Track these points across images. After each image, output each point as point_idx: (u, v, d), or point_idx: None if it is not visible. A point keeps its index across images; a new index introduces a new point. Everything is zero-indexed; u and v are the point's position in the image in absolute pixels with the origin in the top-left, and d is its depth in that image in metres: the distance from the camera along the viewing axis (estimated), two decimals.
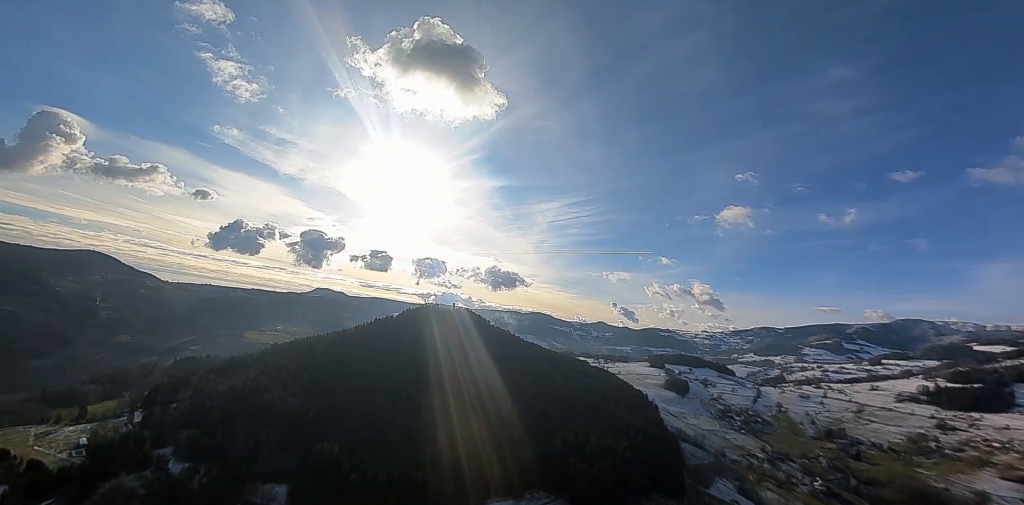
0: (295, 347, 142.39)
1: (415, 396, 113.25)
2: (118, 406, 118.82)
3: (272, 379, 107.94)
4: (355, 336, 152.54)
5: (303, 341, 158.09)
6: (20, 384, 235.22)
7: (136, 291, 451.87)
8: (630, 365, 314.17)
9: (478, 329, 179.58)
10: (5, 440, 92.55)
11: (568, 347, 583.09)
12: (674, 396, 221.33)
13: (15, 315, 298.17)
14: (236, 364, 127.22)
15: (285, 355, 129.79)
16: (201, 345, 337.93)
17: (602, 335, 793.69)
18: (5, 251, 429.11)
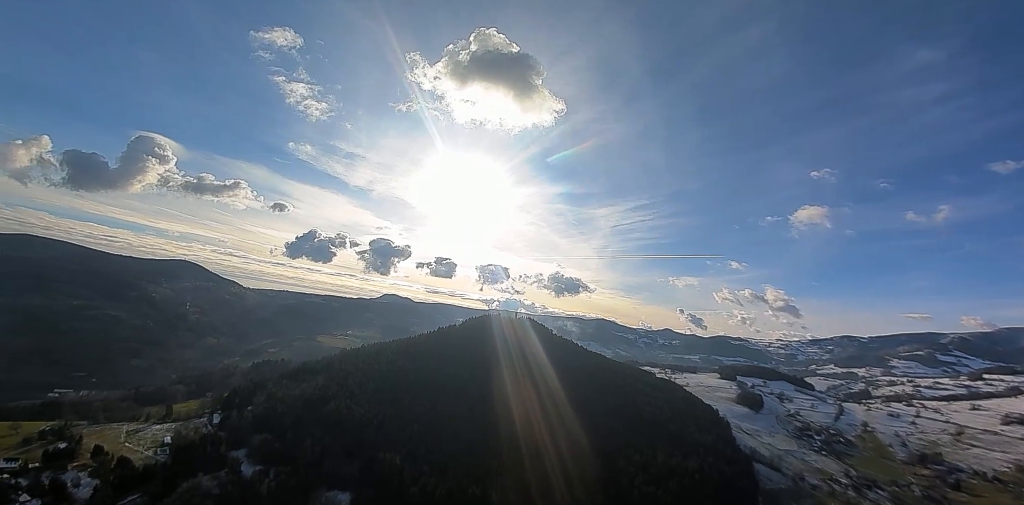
0: (362, 355, 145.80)
1: (477, 407, 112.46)
2: (200, 407, 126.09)
3: (340, 387, 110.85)
4: (419, 345, 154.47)
5: (369, 349, 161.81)
6: (120, 381, 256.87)
7: (221, 297, 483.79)
8: (699, 376, 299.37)
9: (540, 338, 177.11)
10: (101, 436, 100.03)
11: (632, 355, 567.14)
12: (747, 412, 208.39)
13: (118, 319, 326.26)
14: (307, 370, 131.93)
15: (352, 362, 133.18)
16: (278, 348, 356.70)
17: (668, 343, 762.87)
18: (110, 262, 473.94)
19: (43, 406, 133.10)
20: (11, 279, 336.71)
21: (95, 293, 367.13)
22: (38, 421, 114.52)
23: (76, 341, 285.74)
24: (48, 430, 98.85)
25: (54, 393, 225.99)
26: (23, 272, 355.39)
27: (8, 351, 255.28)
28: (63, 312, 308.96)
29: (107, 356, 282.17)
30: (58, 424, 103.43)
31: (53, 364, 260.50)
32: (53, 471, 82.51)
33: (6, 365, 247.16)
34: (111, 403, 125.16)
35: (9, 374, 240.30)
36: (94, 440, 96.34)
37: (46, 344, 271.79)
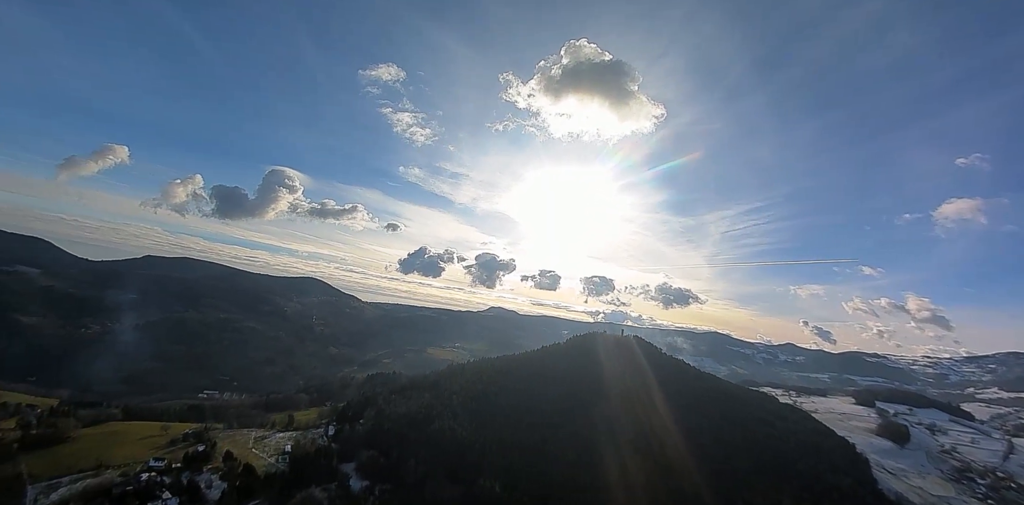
0: (466, 372, 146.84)
1: (580, 434, 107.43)
2: (319, 416, 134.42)
3: (443, 406, 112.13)
4: (522, 365, 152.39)
5: (473, 366, 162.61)
6: (257, 385, 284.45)
7: (343, 310, 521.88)
8: (829, 401, 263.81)
9: (648, 359, 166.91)
10: (233, 441, 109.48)
11: (750, 373, 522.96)
12: (890, 446, 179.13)
13: (255, 330, 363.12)
14: (414, 386, 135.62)
15: (456, 381, 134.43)
16: (392, 359, 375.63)
17: (791, 359, 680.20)
18: (250, 279, 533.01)
19: (190, 409, 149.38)
20: (172, 295, 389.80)
21: (238, 307, 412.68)
22: (184, 423, 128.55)
23: (222, 349, 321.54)
24: (190, 433, 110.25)
25: (203, 394, 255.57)
26: (181, 289, 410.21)
27: (169, 357, 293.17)
28: (212, 324, 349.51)
29: (247, 363, 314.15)
30: (199, 427, 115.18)
31: (204, 369, 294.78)
32: (191, 472, 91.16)
33: (167, 368, 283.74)
34: (244, 409, 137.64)
35: (170, 376, 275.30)
36: (227, 444, 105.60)
37: (198, 351, 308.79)
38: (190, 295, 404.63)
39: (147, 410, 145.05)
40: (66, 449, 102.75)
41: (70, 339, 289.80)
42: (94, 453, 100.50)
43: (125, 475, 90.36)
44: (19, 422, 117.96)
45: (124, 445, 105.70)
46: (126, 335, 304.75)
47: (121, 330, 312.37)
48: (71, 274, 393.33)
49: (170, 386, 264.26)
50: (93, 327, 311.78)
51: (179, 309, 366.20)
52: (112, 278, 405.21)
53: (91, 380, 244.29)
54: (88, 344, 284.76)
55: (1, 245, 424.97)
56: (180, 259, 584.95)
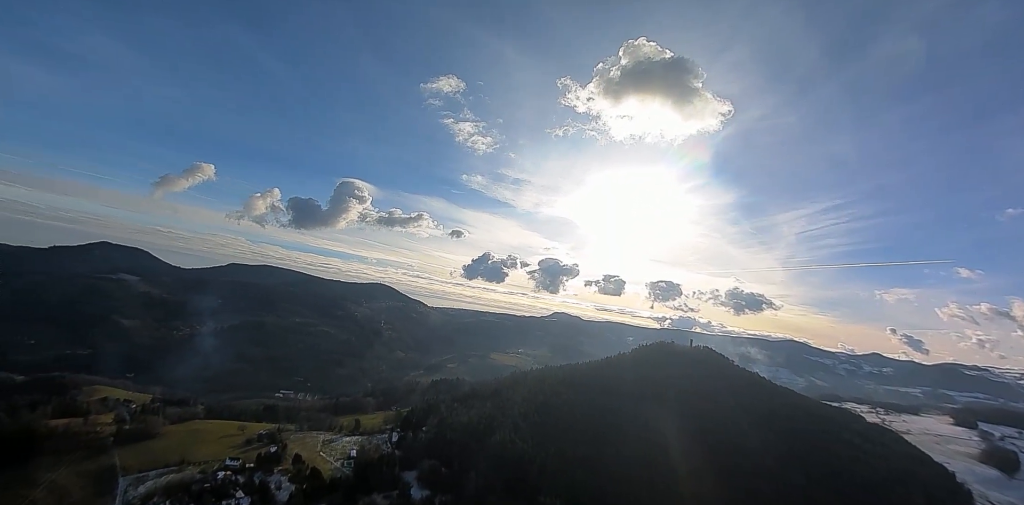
0: (527, 381, 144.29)
1: (646, 452, 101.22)
2: (384, 421, 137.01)
3: (504, 417, 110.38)
4: (585, 375, 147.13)
5: (535, 374, 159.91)
6: (328, 386, 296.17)
7: (409, 315, 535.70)
8: (923, 420, 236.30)
9: (720, 373, 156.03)
10: (302, 443, 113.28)
11: (832, 385, 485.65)
12: (997, 476, 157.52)
13: (328, 334, 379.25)
14: (476, 395, 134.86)
15: (518, 390, 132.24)
16: (456, 363, 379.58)
17: (878, 371, 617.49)
18: (323, 286, 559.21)
19: (265, 409, 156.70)
20: (252, 301, 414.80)
21: (312, 312, 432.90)
22: (259, 423, 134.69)
23: (297, 352, 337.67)
24: (264, 434, 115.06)
25: (279, 394, 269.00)
26: (261, 295, 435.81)
27: (249, 358, 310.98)
28: (289, 328, 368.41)
29: (319, 365, 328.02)
30: (272, 429, 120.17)
31: (280, 370, 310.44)
32: (263, 473, 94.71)
33: (248, 369, 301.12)
34: (314, 412, 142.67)
35: (250, 376, 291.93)
36: (297, 446, 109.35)
37: (276, 353, 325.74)
38: (269, 300, 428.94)
39: (227, 409, 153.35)
40: (154, 445, 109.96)
41: (163, 340, 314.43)
42: (178, 450, 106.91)
43: (204, 472, 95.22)
44: (116, 417, 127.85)
45: (205, 443, 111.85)
46: (211, 337, 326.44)
47: (207, 333, 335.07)
48: (165, 281, 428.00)
49: (250, 385, 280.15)
50: (183, 330, 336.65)
51: (259, 313, 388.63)
52: (200, 285, 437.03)
53: (180, 378, 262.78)
54: (178, 345, 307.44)
55: (107, 255, 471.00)
56: (261, 267, 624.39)
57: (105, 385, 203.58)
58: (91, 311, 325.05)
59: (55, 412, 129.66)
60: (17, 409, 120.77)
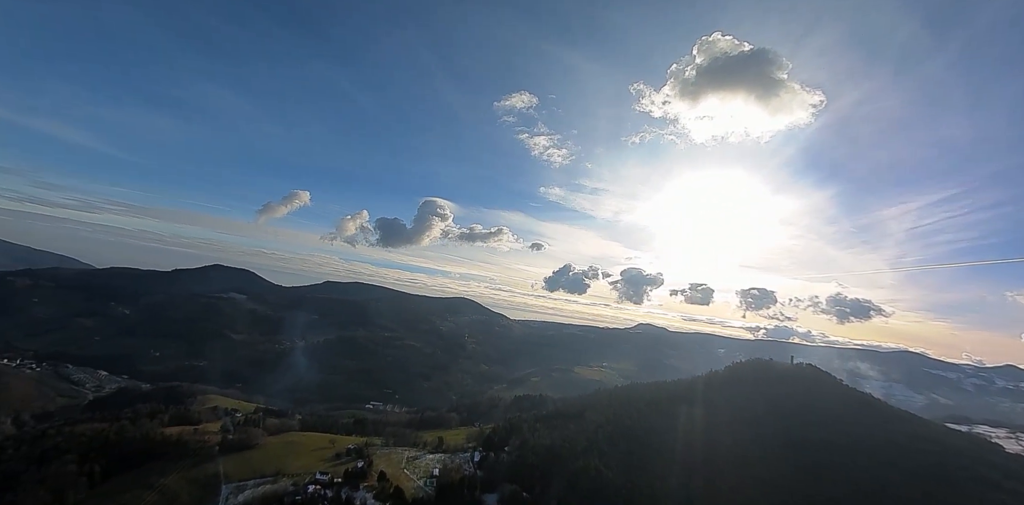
0: (613, 401, 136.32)
1: (746, 490, 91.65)
2: (466, 439, 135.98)
3: (588, 441, 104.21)
4: (674, 395, 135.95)
5: (620, 393, 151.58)
6: (414, 399, 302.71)
7: (492, 328, 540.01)
8: None
9: (828, 394, 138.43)
10: (388, 459, 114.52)
11: (957, 403, 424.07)
12: None
13: (415, 348, 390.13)
14: (559, 415, 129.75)
15: (603, 411, 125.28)
16: (539, 377, 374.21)
17: (1014, 386, 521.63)
18: (410, 301, 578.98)
19: (355, 422, 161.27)
20: (346, 316, 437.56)
21: (400, 326, 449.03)
22: (349, 437, 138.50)
23: (386, 365, 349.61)
24: (352, 448, 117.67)
25: (369, 405, 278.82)
26: (353, 311, 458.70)
27: (343, 370, 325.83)
28: (378, 341, 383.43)
29: (407, 378, 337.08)
30: (360, 443, 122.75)
31: (371, 381, 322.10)
32: (349, 488, 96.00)
33: (342, 380, 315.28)
34: (400, 428, 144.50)
35: (343, 387, 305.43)
36: (382, 462, 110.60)
37: (366, 366, 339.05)
38: (360, 315, 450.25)
39: (321, 421, 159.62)
40: (254, 455, 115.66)
41: (267, 353, 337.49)
42: (275, 461, 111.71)
43: (296, 485, 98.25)
44: (222, 427, 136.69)
45: (299, 455, 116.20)
46: (308, 351, 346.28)
47: (305, 346, 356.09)
48: (269, 299, 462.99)
49: (343, 396, 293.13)
50: (284, 343, 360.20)
51: (351, 328, 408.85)
52: (299, 301, 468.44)
53: (281, 388, 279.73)
54: (280, 358, 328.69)
55: (220, 276, 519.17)
56: (353, 284, 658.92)
57: (216, 394, 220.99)
58: (206, 327, 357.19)
59: (171, 420, 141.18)
60: (139, 418, 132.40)
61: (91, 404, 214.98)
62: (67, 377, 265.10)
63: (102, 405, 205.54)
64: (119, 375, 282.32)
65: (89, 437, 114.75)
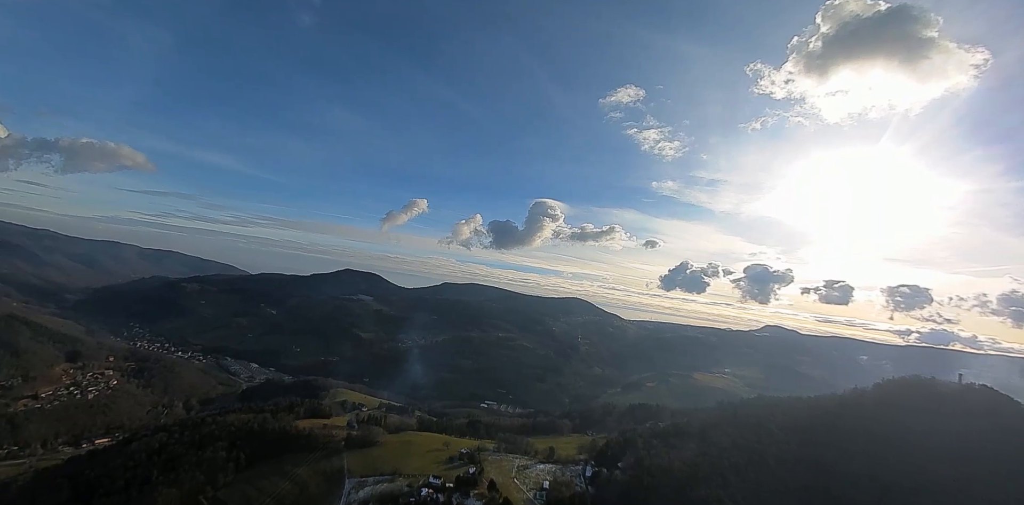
0: (739, 418, 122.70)
1: None
2: (578, 449, 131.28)
3: (711, 466, 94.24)
4: (809, 417, 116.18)
5: (749, 409, 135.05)
6: (527, 399, 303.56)
7: (606, 329, 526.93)
8: None
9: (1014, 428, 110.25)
10: (498, 467, 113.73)
11: None
12: None
13: (528, 348, 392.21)
14: (678, 432, 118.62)
15: (727, 431, 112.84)
16: (655, 382, 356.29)
17: None
18: (523, 301, 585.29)
19: (469, 424, 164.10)
20: (461, 316, 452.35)
21: (514, 326, 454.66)
22: (462, 439, 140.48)
23: (500, 365, 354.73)
24: (465, 452, 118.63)
25: (484, 404, 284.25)
26: (469, 311, 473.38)
27: (459, 369, 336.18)
28: (492, 342, 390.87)
29: (520, 378, 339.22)
30: (473, 447, 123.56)
31: (485, 381, 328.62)
32: (460, 495, 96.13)
33: (457, 379, 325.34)
34: (512, 434, 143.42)
35: (459, 386, 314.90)
36: (492, 469, 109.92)
37: (481, 365, 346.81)
38: (475, 316, 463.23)
39: (437, 420, 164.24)
40: (374, 452, 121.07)
41: (391, 351, 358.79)
42: (393, 460, 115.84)
43: (411, 486, 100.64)
44: (347, 423, 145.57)
45: (415, 456, 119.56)
46: (427, 350, 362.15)
47: (424, 345, 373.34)
48: (392, 300, 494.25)
49: (459, 394, 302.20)
50: (406, 342, 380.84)
51: (467, 328, 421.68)
52: (420, 303, 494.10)
53: (402, 385, 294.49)
54: (402, 356, 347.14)
55: (350, 280, 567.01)
56: (468, 285, 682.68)
57: (345, 388, 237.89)
58: (338, 326, 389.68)
59: (305, 413, 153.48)
60: (279, 411, 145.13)
61: (244, 393, 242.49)
62: (226, 368, 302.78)
63: (252, 394, 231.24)
64: (267, 367, 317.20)
65: (237, 427, 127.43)
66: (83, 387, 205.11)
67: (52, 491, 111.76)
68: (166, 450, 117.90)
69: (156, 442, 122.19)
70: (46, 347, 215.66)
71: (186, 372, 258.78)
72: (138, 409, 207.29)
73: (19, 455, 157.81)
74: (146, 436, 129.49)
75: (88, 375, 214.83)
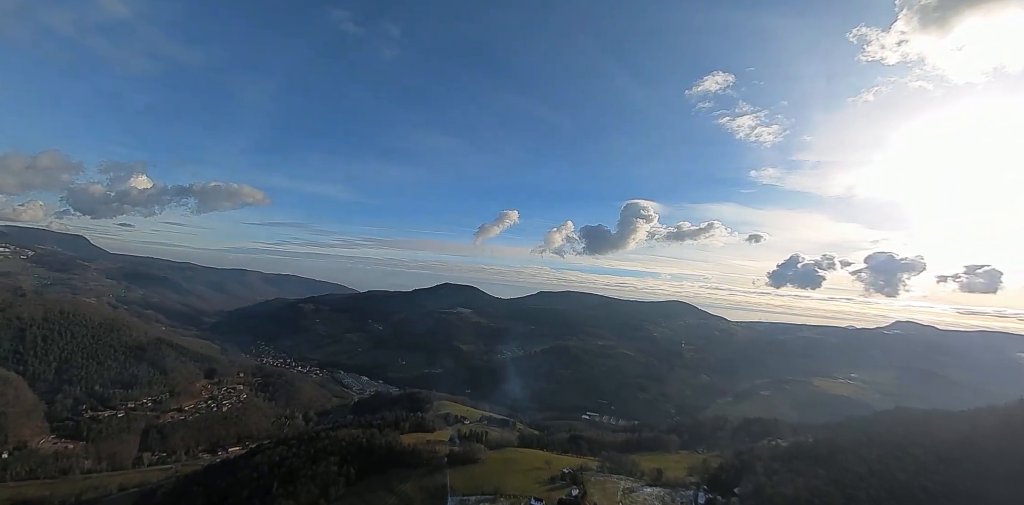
0: (875, 439, 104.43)
1: None
2: (688, 470, 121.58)
3: (846, 498, 79.16)
4: (971, 438, 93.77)
5: (887, 428, 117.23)
6: (630, 411, 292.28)
7: (711, 333, 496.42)
8: None
9: None
10: (602, 488, 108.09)
11: None
12: None
13: (628, 356, 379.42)
14: (803, 454, 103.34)
15: (863, 454, 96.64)
16: (770, 390, 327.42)
17: None
18: (620, 307, 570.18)
19: (570, 440, 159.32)
20: (558, 325, 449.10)
21: (612, 333, 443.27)
22: (564, 456, 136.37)
23: (600, 374, 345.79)
24: (567, 473, 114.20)
25: (586, 415, 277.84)
26: (565, 320, 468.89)
27: (558, 379, 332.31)
28: (591, 350, 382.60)
29: (621, 388, 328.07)
30: (575, 466, 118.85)
31: (586, 391, 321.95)
32: None
33: (557, 389, 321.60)
34: (615, 453, 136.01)
35: (559, 396, 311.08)
36: (596, 492, 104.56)
37: (581, 375, 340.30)
38: (572, 324, 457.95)
39: (536, 437, 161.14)
40: (475, 470, 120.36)
41: (490, 362, 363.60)
42: (494, 478, 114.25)
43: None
44: (450, 438, 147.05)
45: (516, 474, 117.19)
46: (526, 360, 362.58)
47: (522, 356, 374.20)
48: (489, 311, 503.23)
49: (559, 405, 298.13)
50: (504, 353, 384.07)
51: (564, 337, 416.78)
52: (516, 313, 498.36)
53: (502, 396, 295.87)
54: (501, 367, 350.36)
55: (449, 293, 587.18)
56: (563, 293, 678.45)
57: (448, 400, 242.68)
58: (440, 339, 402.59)
59: (410, 427, 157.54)
60: (385, 426, 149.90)
61: (356, 405, 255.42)
62: (340, 381, 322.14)
63: (363, 406, 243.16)
64: (376, 380, 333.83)
65: (347, 442, 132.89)
66: (219, 400, 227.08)
67: (190, 498, 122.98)
68: (285, 463, 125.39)
69: (277, 455, 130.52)
70: (188, 366, 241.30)
71: (305, 386, 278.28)
72: (264, 420, 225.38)
73: (167, 460, 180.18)
74: (268, 449, 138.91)
75: (223, 390, 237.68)
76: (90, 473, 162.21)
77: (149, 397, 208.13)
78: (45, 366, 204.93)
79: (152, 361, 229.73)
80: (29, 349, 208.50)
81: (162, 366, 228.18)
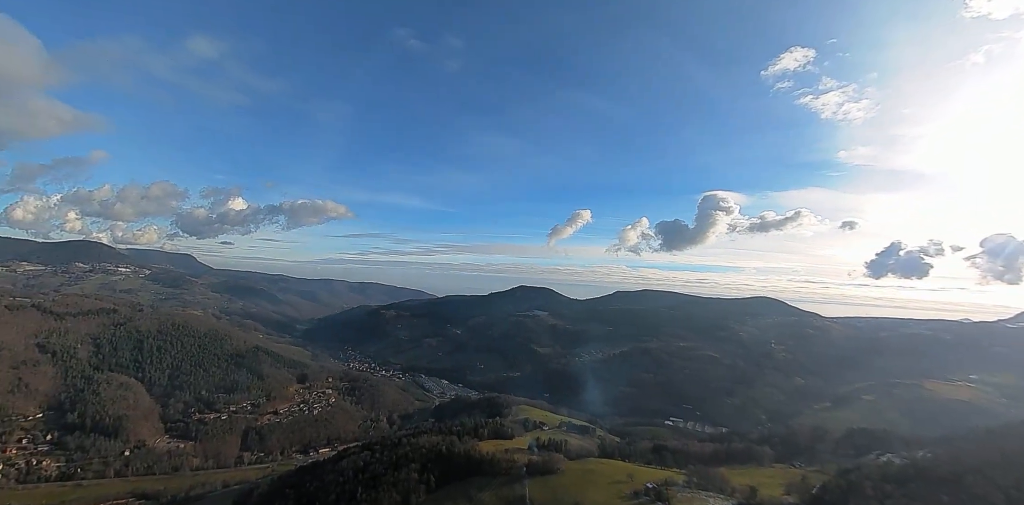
0: (1011, 458, 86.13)
1: None
2: (785, 487, 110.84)
3: None
4: None
5: None
6: (716, 417, 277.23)
7: (803, 331, 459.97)
8: None
9: None
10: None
11: None
12: None
13: (712, 358, 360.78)
14: (922, 474, 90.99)
15: (996, 477, 76.09)
16: (874, 395, 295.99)
17: None
18: (702, 305, 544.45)
19: (654, 450, 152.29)
20: (637, 326, 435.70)
21: (694, 334, 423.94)
22: (647, 468, 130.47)
23: (683, 378, 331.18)
24: (651, 487, 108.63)
25: (669, 421, 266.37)
26: (645, 320, 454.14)
27: (639, 383, 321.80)
28: (673, 352, 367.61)
29: (706, 393, 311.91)
30: (660, 480, 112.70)
31: (668, 396, 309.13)
32: None
33: (638, 394, 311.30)
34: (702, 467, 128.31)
35: (641, 401, 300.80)
36: None
37: (662, 379, 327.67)
38: (651, 324, 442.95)
39: (617, 447, 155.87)
40: (554, 481, 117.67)
41: (567, 365, 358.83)
42: (574, 491, 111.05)
43: None
44: (528, 446, 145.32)
45: (597, 487, 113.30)
46: (605, 363, 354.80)
47: (601, 359, 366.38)
48: (566, 313, 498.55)
49: (641, 410, 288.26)
50: (583, 356, 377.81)
51: (644, 339, 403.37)
52: (593, 314, 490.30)
53: (582, 400, 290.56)
54: (579, 370, 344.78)
55: (525, 296, 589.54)
56: (641, 292, 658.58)
57: (526, 405, 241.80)
58: (517, 342, 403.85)
59: (489, 434, 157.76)
60: (464, 433, 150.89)
61: (436, 409, 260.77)
62: (421, 385, 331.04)
63: (444, 410, 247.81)
64: (456, 384, 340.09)
65: (427, 449, 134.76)
66: (310, 404, 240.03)
67: (282, 500, 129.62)
68: (369, 469, 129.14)
69: (361, 460, 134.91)
70: (282, 371, 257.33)
71: (388, 390, 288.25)
72: (351, 423, 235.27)
73: (264, 460, 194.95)
74: (354, 454, 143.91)
75: (313, 394, 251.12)
76: (198, 470, 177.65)
77: (248, 401, 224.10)
78: (160, 373, 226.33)
79: (250, 367, 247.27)
80: (146, 358, 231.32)
81: (259, 372, 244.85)
